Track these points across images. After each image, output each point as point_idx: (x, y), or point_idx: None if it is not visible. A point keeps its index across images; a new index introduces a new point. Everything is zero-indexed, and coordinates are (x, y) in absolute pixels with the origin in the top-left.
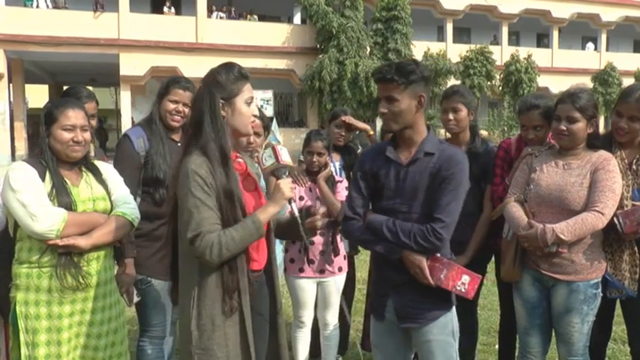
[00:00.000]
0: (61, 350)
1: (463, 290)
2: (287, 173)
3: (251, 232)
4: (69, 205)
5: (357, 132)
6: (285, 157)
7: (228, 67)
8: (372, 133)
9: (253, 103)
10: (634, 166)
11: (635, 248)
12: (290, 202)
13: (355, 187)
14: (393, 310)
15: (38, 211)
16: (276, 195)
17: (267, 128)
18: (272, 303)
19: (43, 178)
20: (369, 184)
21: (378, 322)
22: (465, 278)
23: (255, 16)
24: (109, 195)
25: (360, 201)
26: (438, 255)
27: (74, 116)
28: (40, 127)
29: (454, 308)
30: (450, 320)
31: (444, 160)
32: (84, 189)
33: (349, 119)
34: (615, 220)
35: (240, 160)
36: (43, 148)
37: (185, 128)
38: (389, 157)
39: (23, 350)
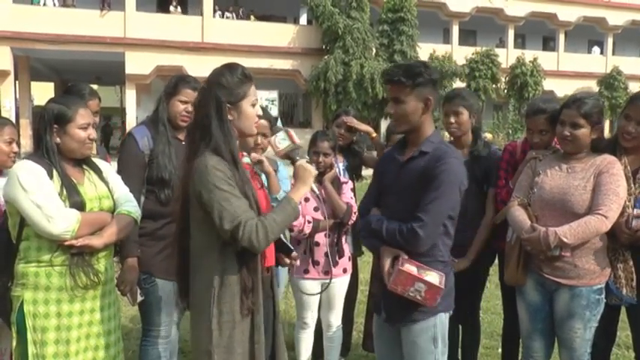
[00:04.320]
0: (70, 349)
1: (419, 297)
2: (299, 154)
3: (289, 213)
4: (79, 205)
5: (361, 134)
6: (297, 139)
7: (231, 68)
8: (374, 135)
9: (257, 104)
10: (638, 175)
11: (628, 256)
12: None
13: (370, 185)
14: (383, 308)
15: (54, 212)
16: (303, 175)
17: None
18: (272, 303)
19: (50, 177)
20: (378, 181)
21: (377, 317)
22: (420, 286)
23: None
24: (112, 193)
25: (370, 198)
26: (405, 257)
27: (87, 114)
28: (43, 125)
29: (442, 316)
30: (432, 326)
31: (432, 160)
32: (89, 187)
33: (350, 121)
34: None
35: (245, 159)
36: (48, 146)
37: (189, 129)
38: (393, 155)
39: (31, 349)
